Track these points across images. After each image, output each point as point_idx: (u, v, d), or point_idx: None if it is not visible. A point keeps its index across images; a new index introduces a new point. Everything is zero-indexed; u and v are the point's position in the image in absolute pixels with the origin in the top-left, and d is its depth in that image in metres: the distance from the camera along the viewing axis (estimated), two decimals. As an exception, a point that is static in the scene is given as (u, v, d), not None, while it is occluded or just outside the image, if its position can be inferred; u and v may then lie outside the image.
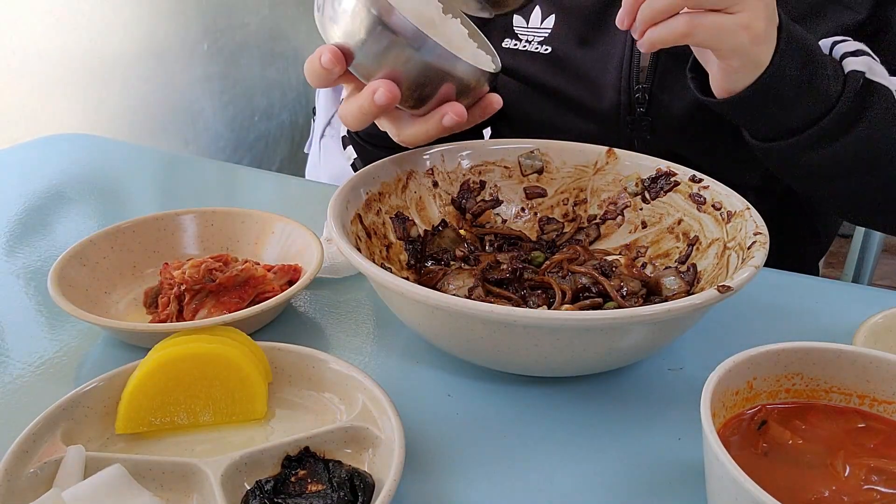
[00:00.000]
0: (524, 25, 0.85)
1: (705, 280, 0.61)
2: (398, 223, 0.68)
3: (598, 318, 0.48)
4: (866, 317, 0.59)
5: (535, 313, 0.48)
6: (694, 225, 0.65)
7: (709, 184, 0.65)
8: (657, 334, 0.52)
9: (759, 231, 0.57)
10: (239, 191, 0.98)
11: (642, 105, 0.79)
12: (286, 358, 0.55)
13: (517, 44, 0.85)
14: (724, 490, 0.39)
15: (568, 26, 0.82)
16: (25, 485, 0.44)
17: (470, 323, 0.50)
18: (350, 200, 0.63)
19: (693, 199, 0.66)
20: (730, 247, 0.60)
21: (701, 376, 0.44)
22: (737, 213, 0.61)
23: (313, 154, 2.01)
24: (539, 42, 0.84)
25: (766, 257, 0.54)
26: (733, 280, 0.50)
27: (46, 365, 0.59)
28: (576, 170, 0.72)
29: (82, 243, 0.67)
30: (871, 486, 0.42)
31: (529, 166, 0.73)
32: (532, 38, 0.84)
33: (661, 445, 0.52)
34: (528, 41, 0.84)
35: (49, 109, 1.57)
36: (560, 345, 0.50)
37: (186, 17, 1.87)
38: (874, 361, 0.46)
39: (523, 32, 0.85)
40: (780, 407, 0.47)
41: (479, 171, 0.73)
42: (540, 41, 0.84)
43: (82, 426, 0.49)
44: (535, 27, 0.84)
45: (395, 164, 0.69)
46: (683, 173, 0.67)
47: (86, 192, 0.93)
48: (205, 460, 0.46)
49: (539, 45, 0.83)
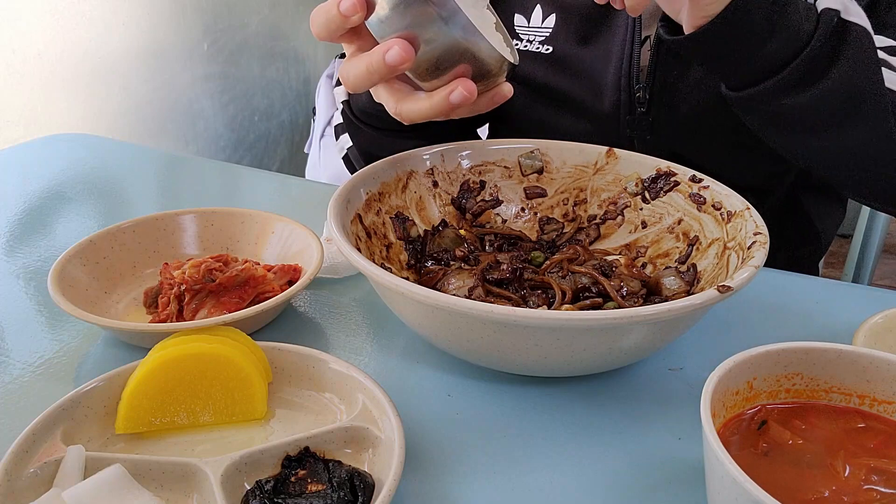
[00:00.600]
0: (525, 25, 0.85)
1: (705, 280, 0.61)
2: (398, 223, 0.68)
3: (598, 318, 0.48)
4: (866, 317, 0.59)
5: (535, 313, 0.48)
6: (694, 225, 0.65)
7: (709, 184, 0.65)
8: (657, 334, 0.52)
9: (759, 231, 0.57)
10: (239, 191, 0.98)
11: (643, 105, 0.79)
12: (286, 358, 0.55)
13: (518, 43, 0.85)
14: (724, 490, 0.39)
15: (568, 25, 0.82)
16: (25, 485, 0.44)
17: (470, 323, 0.50)
18: (350, 200, 0.63)
19: (693, 199, 0.66)
20: (730, 247, 0.60)
21: (701, 376, 0.44)
22: (737, 213, 0.61)
23: (313, 154, 2.01)
24: (540, 42, 0.84)
25: (766, 257, 0.54)
26: (733, 280, 0.50)
27: (46, 365, 0.59)
28: (576, 170, 0.72)
29: (82, 243, 0.67)
30: (871, 486, 0.42)
31: (529, 166, 0.73)
32: (533, 37, 0.84)
33: (661, 445, 0.52)
34: (530, 41, 0.84)
35: (49, 109, 1.57)
36: (560, 345, 0.50)
37: (186, 17, 1.87)
38: (874, 361, 0.46)
39: (524, 32, 0.85)
40: (780, 407, 0.47)
41: (479, 171, 0.73)
42: (541, 41, 0.84)
43: (82, 426, 0.49)
44: (536, 26, 0.84)
45: (395, 164, 0.69)
46: (683, 173, 0.67)
47: (86, 192, 0.93)
48: (205, 460, 0.46)
49: (540, 45, 0.83)
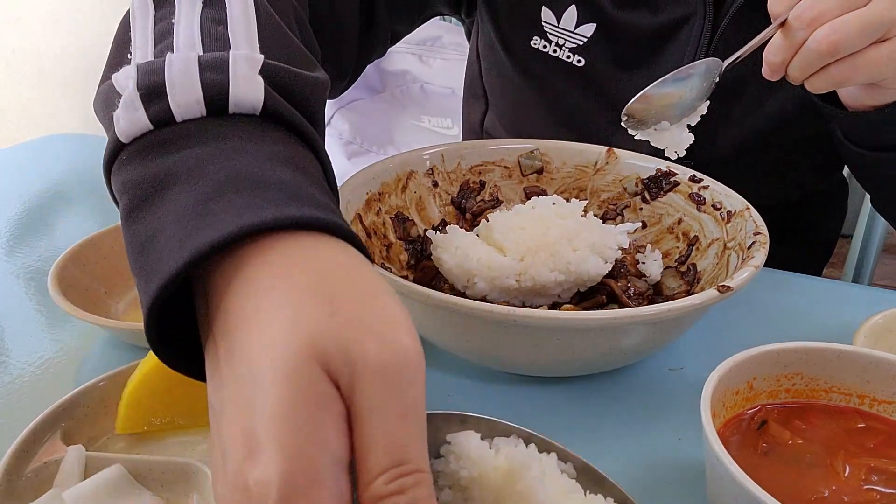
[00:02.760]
0: (554, 23, 0.76)
1: (705, 280, 0.60)
2: (398, 223, 0.68)
3: (597, 319, 0.48)
4: (866, 317, 0.59)
5: (535, 313, 0.48)
6: (694, 225, 0.65)
7: (708, 184, 0.65)
8: (657, 334, 0.52)
9: (759, 231, 0.57)
10: (239, 191, 0.98)
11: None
12: (286, 358, 0.55)
13: (547, 46, 0.77)
14: (724, 490, 0.39)
15: (611, 43, 0.75)
16: (25, 485, 0.44)
17: (470, 322, 0.50)
18: (350, 200, 0.63)
19: (693, 199, 0.66)
20: (730, 247, 0.60)
21: (701, 376, 0.44)
22: (737, 212, 0.61)
23: (313, 154, 2.01)
24: (571, 49, 0.76)
25: (766, 257, 0.54)
26: (733, 280, 0.50)
27: (46, 365, 0.59)
28: (576, 170, 0.72)
29: (82, 243, 0.67)
30: (871, 486, 0.42)
31: (529, 166, 0.73)
32: (563, 41, 0.76)
33: (661, 445, 0.52)
34: (559, 45, 0.77)
35: (49, 109, 1.57)
36: (560, 344, 0.50)
37: (186, 17, 1.87)
38: (874, 361, 0.46)
39: (553, 33, 0.77)
40: (780, 407, 0.47)
41: (479, 172, 0.73)
42: (572, 48, 0.76)
43: (82, 426, 0.49)
44: (567, 29, 0.76)
45: (396, 164, 0.69)
46: (683, 173, 0.67)
47: (86, 192, 0.93)
48: (205, 460, 0.46)
49: (571, 54, 0.76)
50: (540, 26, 0.77)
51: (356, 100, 1.85)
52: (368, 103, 1.85)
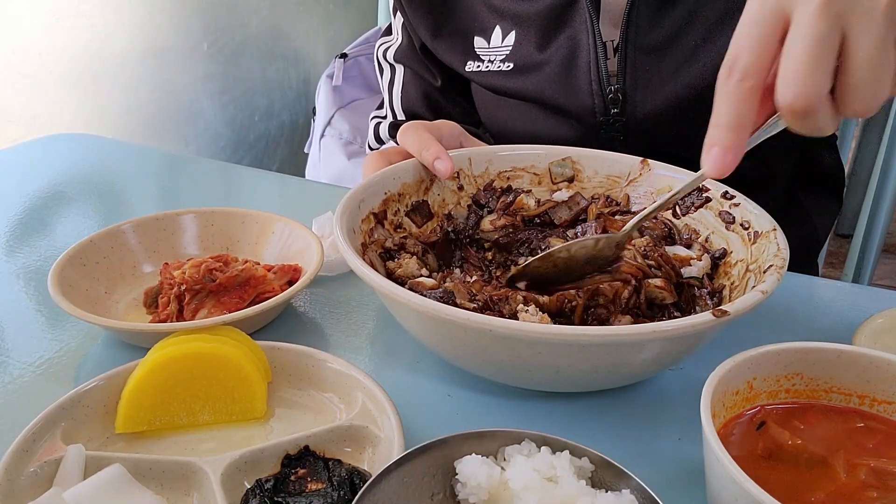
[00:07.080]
0: (486, 46, 0.84)
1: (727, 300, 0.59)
2: (419, 217, 0.68)
3: (593, 335, 0.46)
4: (866, 317, 0.59)
5: (532, 327, 0.47)
6: (721, 244, 0.64)
7: (740, 201, 0.63)
8: (666, 353, 0.51)
9: (778, 253, 0.55)
10: (239, 191, 0.98)
11: (616, 105, 0.78)
12: (286, 357, 0.55)
13: (480, 65, 0.85)
14: (724, 490, 0.39)
15: (528, 37, 0.82)
16: (25, 484, 0.44)
17: (468, 333, 0.49)
18: (364, 200, 0.63)
19: (722, 218, 0.64)
20: (751, 269, 0.58)
21: (701, 376, 0.44)
22: (763, 233, 0.59)
23: (313, 154, 2.01)
24: (501, 60, 0.83)
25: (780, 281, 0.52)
26: (733, 305, 0.48)
27: (46, 365, 0.59)
28: (608, 180, 0.71)
29: (82, 243, 0.67)
30: (871, 486, 0.42)
31: (560, 174, 0.72)
32: (494, 57, 0.84)
33: (661, 445, 0.52)
34: (491, 61, 0.84)
35: (49, 109, 1.57)
36: (569, 361, 0.49)
37: (186, 17, 1.87)
38: (874, 361, 0.46)
39: (485, 53, 0.84)
40: (779, 407, 0.47)
41: (506, 177, 0.71)
42: (502, 59, 0.83)
43: (82, 426, 0.49)
44: (496, 46, 0.84)
45: (421, 166, 0.68)
46: (716, 189, 0.65)
47: (86, 192, 0.93)
48: (205, 459, 0.46)
49: (501, 63, 0.83)
50: (473, 52, 0.86)
51: (356, 100, 1.85)
52: (369, 103, 1.85)
